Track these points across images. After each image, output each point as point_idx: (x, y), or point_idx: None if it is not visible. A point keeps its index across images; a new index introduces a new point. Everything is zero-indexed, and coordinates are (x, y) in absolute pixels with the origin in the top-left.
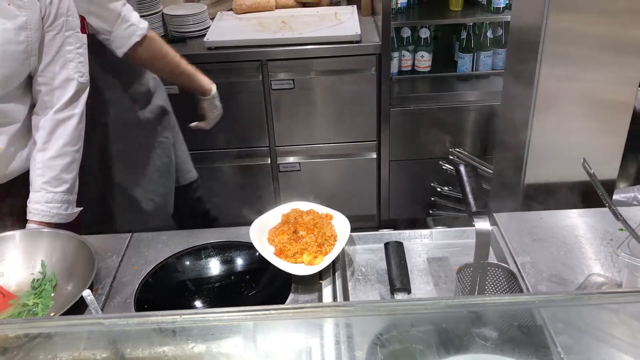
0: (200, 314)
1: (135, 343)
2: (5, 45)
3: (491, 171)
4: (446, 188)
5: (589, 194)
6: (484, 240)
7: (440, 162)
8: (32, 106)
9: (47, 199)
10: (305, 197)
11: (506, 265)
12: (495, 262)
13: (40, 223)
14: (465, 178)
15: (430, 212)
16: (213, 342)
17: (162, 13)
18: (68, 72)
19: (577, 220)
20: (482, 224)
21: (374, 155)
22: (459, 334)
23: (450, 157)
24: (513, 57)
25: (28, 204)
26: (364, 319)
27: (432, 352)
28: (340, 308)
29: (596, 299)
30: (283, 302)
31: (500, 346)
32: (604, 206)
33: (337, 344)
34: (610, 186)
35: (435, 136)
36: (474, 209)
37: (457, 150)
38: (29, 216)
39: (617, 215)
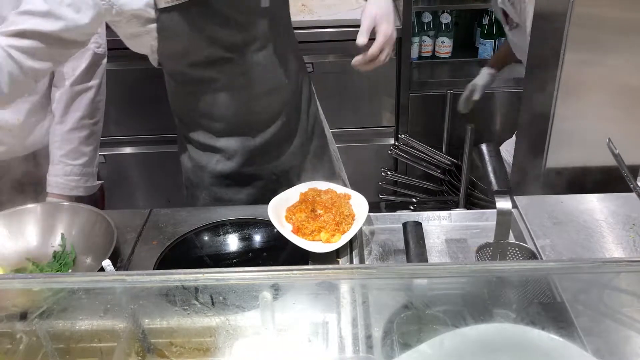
0: (222, 273)
1: (154, 310)
2: None
3: (442, 159)
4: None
5: (611, 180)
6: (505, 219)
7: (390, 151)
8: (51, 80)
9: (65, 171)
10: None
11: (526, 245)
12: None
13: (60, 196)
14: (487, 157)
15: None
16: (232, 307)
17: None
18: None
19: (598, 205)
20: (504, 203)
21: (392, 141)
22: (477, 307)
23: (396, 144)
24: (536, 42)
25: (47, 177)
26: (383, 287)
27: (449, 323)
28: (362, 270)
29: (624, 266)
30: None
31: (519, 319)
32: (627, 191)
33: (364, 304)
34: (634, 171)
35: (454, 122)
36: (495, 187)
37: (404, 136)
38: (48, 189)
39: None
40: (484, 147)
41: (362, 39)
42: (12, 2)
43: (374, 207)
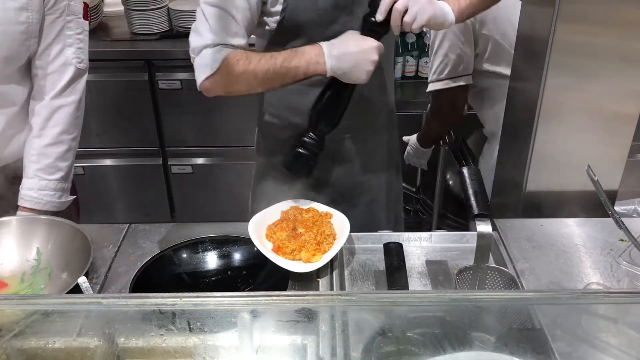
0: (200, 298)
1: (130, 333)
2: (5, 25)
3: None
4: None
5: (589, 204)
6: (485, 243)
7: None
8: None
9: (40, 186)
10: None
11: (506, 270)
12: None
13: (31, 210)
14: (468, 180)
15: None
16: (215, 325)
17: (168, 8)
18: (66, 57)
19: (577, 229)
20: (484, 227)
21: None
22: (457, 334)
23: None
24: (518, 66)
25: (20, 190)
26: (363, 313)
27: (428, 351)
28: (342, 297)
29: (602, 297)
30: None
31: (499, 347)
32: (605, 216)
33: (343, 332)
34: (612, 197)
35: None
36: (475, 211)
37: None
38: (20, 202)
39: (620, 224)
40: (465, 170)
41: (379, 15)
42: None
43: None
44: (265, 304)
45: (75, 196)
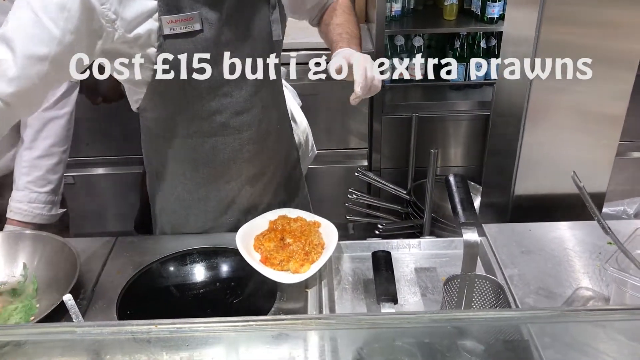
0: (177, 324)
1: (112, 353)
2: None
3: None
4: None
5: (578, 207)
6: (472, 252)
7: (357, 173)
8: None
9: (30, 198)
10: None
11: (494, 278)
12: (483, 273)
13: (20, 223)
14: (454, 188)
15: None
16: (191, 351)
17: None
18: None
19: (566, 233)
20: (471, 235)
21: (365, 163)
22: (445, 347)
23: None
24: (505, 68)
25: (10, 202)
26: (347, 331)
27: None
28: (321, 321)
29: (583, 315)
30: (268, 310)
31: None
32: (593, 219)
33: (321, 355)
34: (599, 199)
35: (425, 145)
36: (462, 219)
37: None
38: (9, 214)
39: (606, 229)
40: (451, 177)
41: (333, 71)
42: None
43: (341, 229)
44: (242, 330)
45: (65, 209)
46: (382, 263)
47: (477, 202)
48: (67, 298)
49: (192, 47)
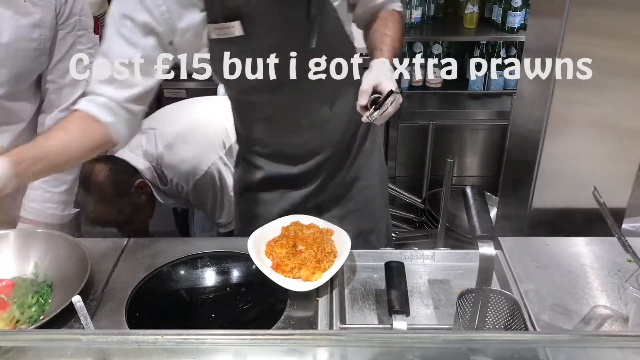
0: (183, 335)
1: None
2: (18, 41)
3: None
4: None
5: (597, 222)
6: (487, 266)
7: None
8: (40, 106)
9: (44, 198)
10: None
11: (509, 294)
12: (498, 288)
13: (33, 222)
14: (471, 200)
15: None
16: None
17: None
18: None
19: (583, 249)
20: (487, 249)
21: None
22: None
23: None
24: (526, 78)
25: (24, 201)
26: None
27: None
28: (332, 337)
29: (603, 341)
30: (278, 318)
31: None
32: (612, 235)
33: None
34: (619, 215)
35: (442, 153)
36: (478, 232)
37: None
38: (22, 213)
39: (627, 247)
40: (468, 190)
41: (362, 100)
42: None
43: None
44: (249, 343)
45: (77, 209)
46: (395, 274)
47: (493, 213)
48: (76, 299)
49: None
